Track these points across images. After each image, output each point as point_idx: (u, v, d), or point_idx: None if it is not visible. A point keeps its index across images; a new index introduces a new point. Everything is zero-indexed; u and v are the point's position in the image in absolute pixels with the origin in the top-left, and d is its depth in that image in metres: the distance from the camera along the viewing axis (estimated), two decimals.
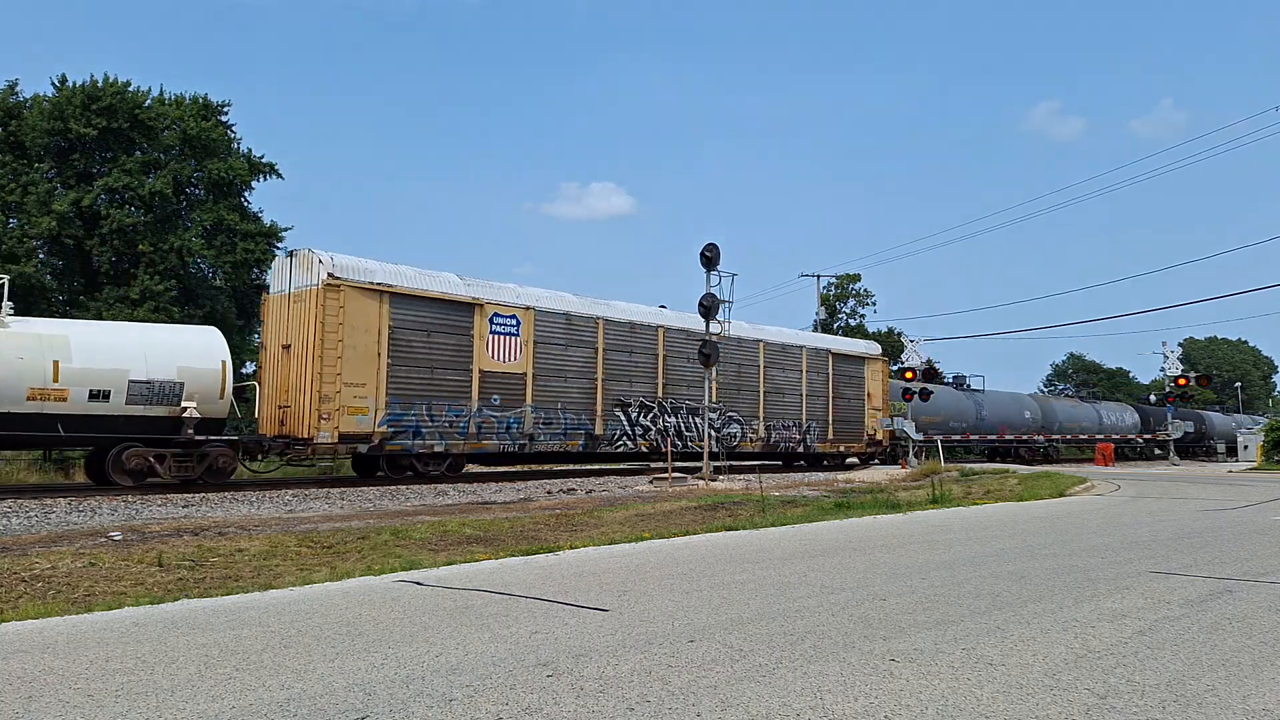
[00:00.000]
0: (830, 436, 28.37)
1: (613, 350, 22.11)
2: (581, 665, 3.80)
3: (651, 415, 22.72)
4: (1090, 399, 53.01)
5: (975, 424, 38.60)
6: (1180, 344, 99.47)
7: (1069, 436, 45.95)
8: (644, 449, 22.62)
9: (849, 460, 29.93)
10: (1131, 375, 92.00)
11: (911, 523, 10.79)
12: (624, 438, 22.07)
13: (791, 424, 27.00)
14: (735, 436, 24.92)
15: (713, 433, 22.24)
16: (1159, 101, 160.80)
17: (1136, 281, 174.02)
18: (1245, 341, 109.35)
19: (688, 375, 23.64)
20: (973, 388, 40.49)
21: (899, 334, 44.81)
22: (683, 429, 23.52)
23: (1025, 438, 42.34)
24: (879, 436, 30.29)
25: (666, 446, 21.93)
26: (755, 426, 25.73)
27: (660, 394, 23.03)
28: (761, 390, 26.08)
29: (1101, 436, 47.10)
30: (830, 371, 28.66)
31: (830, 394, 28.54)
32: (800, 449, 27.25)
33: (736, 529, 9.92)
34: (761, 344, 26.33)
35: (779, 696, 3.36)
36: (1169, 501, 14.69)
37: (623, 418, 22.03)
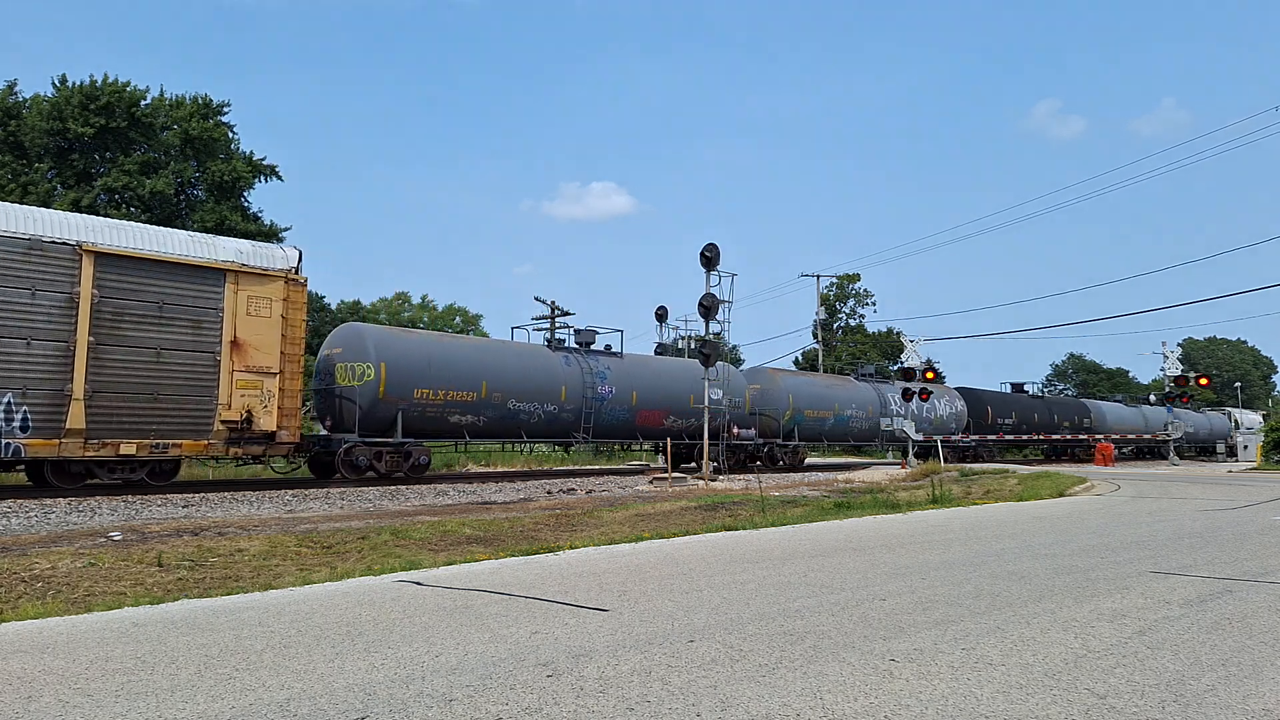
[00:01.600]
0: (77, 425, 14.14)
1: None
2: (581, 665, 3.80)
3: None
4: (873, 378, 35.14)
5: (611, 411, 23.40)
6: (1180, 344, 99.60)
7: (820, 438, 29.87)
8: None
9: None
10: (1131, 375, 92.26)
11: (911, 523, 10.78)
12: None
13: None
14: None
15: None
16: (1160, 101, 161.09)
17: (1136, 281, 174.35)
18: (1245, 341, 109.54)
19: None
20: (615, 351, 24.79)
21: (899, 334, 44.62)
22: None
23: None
24: (265, 423, 16.01)
25: (666, 443, 21.45)
26: None
27: None
28: None
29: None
30: (89, 289, 14.28)
31: (82, 336, 14.20)
32: None
33: (736, 529, 9.92)
34: None
35: (779, 696, 3.36)
36: (1168, 501, 14.69)
37: None
